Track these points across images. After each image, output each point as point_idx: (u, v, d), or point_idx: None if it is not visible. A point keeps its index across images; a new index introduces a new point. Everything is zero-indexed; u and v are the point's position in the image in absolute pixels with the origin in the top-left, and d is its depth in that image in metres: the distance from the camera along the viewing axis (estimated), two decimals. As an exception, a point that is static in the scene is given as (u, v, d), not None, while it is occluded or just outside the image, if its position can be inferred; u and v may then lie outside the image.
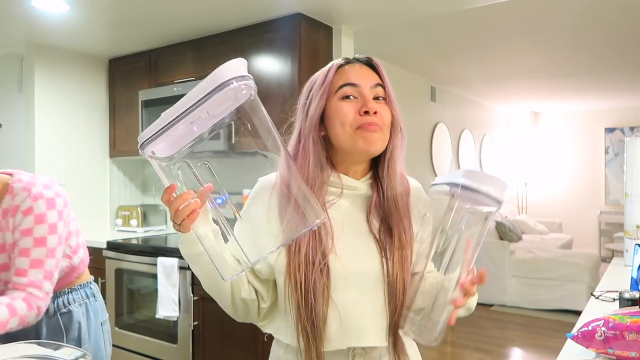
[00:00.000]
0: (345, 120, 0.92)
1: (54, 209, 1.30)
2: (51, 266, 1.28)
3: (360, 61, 0.99)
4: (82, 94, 3.41)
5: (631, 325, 0.95)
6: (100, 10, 2.60)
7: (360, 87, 0.94)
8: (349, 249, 0.93)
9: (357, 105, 0.93)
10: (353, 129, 0.92)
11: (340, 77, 0.95)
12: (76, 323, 1.43)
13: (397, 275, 0.92)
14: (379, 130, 0.92)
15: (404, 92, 1.04)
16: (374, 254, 0.94)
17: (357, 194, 0.98)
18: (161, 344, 2.70)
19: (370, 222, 0.96)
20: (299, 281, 0.89)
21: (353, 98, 0.94)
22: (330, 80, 0.95)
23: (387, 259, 0.92)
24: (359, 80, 0.94)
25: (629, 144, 2.08)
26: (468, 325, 4.12)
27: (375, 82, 0.95)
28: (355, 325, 0.91)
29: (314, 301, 0.89)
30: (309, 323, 0.89)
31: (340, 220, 0.94)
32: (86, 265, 1.51)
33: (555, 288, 4.59)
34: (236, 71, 0.72)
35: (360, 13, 2.68)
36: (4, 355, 0.96)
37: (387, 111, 0.95)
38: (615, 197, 7.03)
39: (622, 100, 6.56)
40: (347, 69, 0.96)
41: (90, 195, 3.46)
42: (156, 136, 0.75)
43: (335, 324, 0.91)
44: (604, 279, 1.84)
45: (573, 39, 3.66)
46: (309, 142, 0.94)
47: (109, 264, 2.94)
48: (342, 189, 0.96)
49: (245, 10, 2.59)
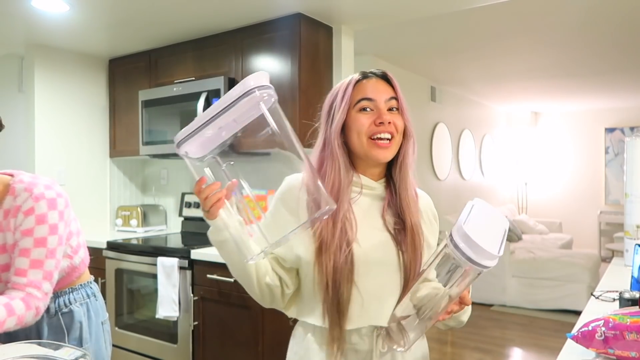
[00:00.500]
0: (362, 130, 1.06)
1: (55, 209, 1.30)
2: (51, 267, 1.28)
3: (376, 75, 1.11)
4: (82, 94, 3.41)
5: (631, 325, 0.95)
6: (100, 10, 2.60)
7: (375, 101, 1.07)
8: (370, 240, 1.06)
9: (373, 116, 1.06)
10: (367, 138, 1.06)
11: (359, 91, 1.09)
12: (77, 323, 1.43)
13: (411, 264, 1.05)
14: (388, 146, 1.06)
15: (404, 92, 1.05)
16: (390, 246, 1.06)
17: (374, 193, 1.11)
18: (161, 344, 2.70)
19: (385, 219, 1.09)
20: (327, 266, 1.01)
21: (370, 110, 1.07)
22: (350, 94, 1.08)
23: (402, 251, 1.06)
24: (375, 95, 1.07)
25: (629, 144, 2.08)
26: (468, 325, 4.11)
27: (389, 95, 1.08)
28: (374, 307, 1.04)
29: (340, 284, 1.01)
30: (335, 304, 1.02)
31: (361, 214, 1.07)
32: (87, 265, 1.51)
33: (555, 288, 4.59)
34: (259, 81, 0.83)
35: (360, 13, 2.68)
36: (4, 355, 0.96)
37: (400, 120, 1.08)
38: (615, 197, 7.03)
39: (622, 100, 6.56)
40: (364, 84, 1.10)
41: (90, 195, 3.46)
42: (189, 137, 0.87)
43: (357, 305, 1.03)
44: (604, 279, 1.84)
45: (573, 39, 3.66)
46: (335, 148, 1.07)
47: (109, 264, 2.94)
48: (361, 187, 1.10)
49: (245, 10, 2.59)
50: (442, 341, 3.83)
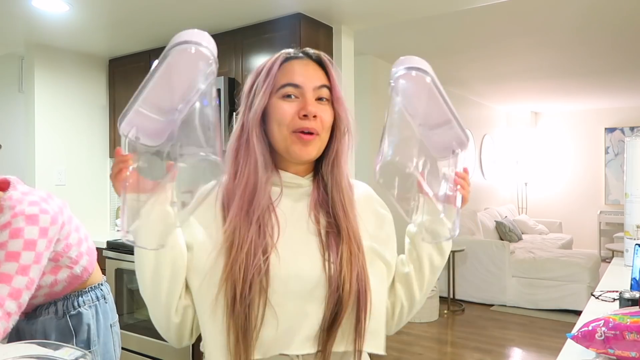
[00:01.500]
0: (283, 122, 0.88)
1: (35, 225, 1.23)
2: (20, 284, 1.18)
3: (308, 56, 0.94)
4: (82, 94, 3.41)
5: (631, 325, 0.95)
6: (100, 10, 2.60)
7: (302, 88, 0.89)
8: (291, 251, 0.87)
9: (298, 106, 0.88)
10: (289, 131, 0.88)
11: (285, 74, 0.90)
12: (85, 325, 1.42)
13: (344, 276, 0.85)
14: (313, 140, 0.88)
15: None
16: (316, 255, 0.87)
17: (300, 192, 0.93)
18: (161, 344, 2.70)
19: (313, 219, 0.91)
20: (236, 278, 0.81)
21: (294, 98, 0.89)
22: (274, 75, 0.90)
23: (329, 261, 0.86)
24: (303, 81, 0.89)
25: (629, 144, 2.08)
26: (468, 325, 4.12)
27: (320, 83, 0.91)
28: (289, 332, 0.83)
29: (249, 302, 0.81)
30: (241, 326, 0.81)
31: (283, 218, 0.89)
32: (93, 269, 1.48)
33: (555, 288, 4.58)
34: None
35: (360, 13, 2.68)
36: (4, 355, 0.96)
37: (327, 113, 0.90)
38: (615, 197, 7.03)
39: (622, 100, 6.56)
40: (293, 65, 0.92)
41: (90, 195, 3.46)
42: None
43: (271, 329, 0.83)
44: (604, 279, 1.84)
45: (573, 39, 3.67)
46: (252, 138, 0.89)
47: (109, 264, 2.94)
48: (282, 188, 0.92)
49: (245, 10, 2.59)
50: (442, 341, 3.83)
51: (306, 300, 0.85)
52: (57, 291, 1.40)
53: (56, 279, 1.36)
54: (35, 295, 1.32)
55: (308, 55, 0.94)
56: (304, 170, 0.94)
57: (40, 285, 1.32)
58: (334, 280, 0.85)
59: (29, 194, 1.29)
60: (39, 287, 1.31)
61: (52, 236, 1.28)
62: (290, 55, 0.93)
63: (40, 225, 1.24)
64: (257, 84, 0.91)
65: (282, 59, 0.92)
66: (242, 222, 0.85)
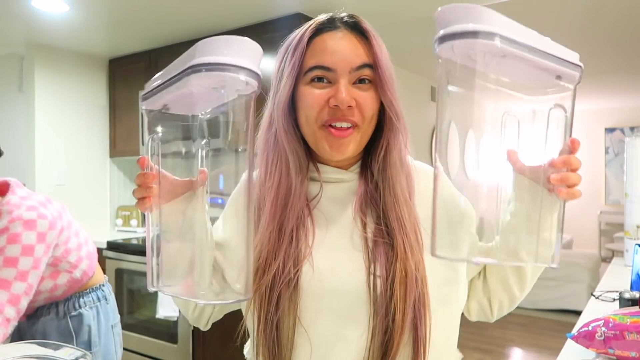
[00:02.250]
0: (310, 113, 0.71)
1: (32, 230, 1.22)
2: (19, 290, 1.18)
3: (347, 26, 0.74)
4: (82, 94, 3.41)
5: (631, 325, 0.95)
6: (100, 10, 2.60)
7: (335, 72, 0.70)
8: (329, 260, 0.71)
9: (329, 93, 0.70)
10: (318, 125, 0.71)
11: (313, 53, 0.71)
12: (86, 326, 1.41)
13: (395, 303, 0.67)
14: (349, 136, 0.71)
15: (404, 92, 1.03)
16: (359, 267, 0.70)
17: (344, 187, 0.77)
18: (161, 344, 2.70)
19: (362, 223, 0.73)
20: (262, 300, 0.69)
21: (326, 82, 0.71)
22: (301, 54, 0.71)
23: (375, 275, 0.69)
24: (335, 61, 0.70)
25: (629, 144, 2.08)
26: (468, 325, 4.11)
27: (359, 61, 0.70)
28: (323, 355, 0.70)
29: (277, 323, 0.68)
30: (270, 352, 0.69)
31: (323, 222, 0.74)
32: (94, 272, 1.47)
33: (555, 288, 4.58)
34: None
35: (360, 13, 2.66)
36: (4, 355, 0.96)
37: (370, 99, 0.71)
38: (615, 197, 7.03)
39: (622, 100, 6.56)
40: (324, 40, 0.72)
41: (90, 195, 3.46)
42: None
43: (304, 354, 0.69)
44: (604, 279, 1.85)
45: (573, 39, 3.66)
46: (280, 134, 0.73)
47: (109, 264, 2.94)
48: (321, 186, 0.76)
49: (245, 11, 2.59)
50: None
51: (344, 321, 0.69)
52: (57, 295, 1.39)
53: (56, 283, 1.36)
54: (35, 299, 1.32)
55: (345, 25, 0.74)
56: (347, 160, 0.76)
57: (40, 291, 1.32)
58: (380, 302, 0.68)
59: (28, 199, 1.28)
60: (38, 292, 1.30)
61: (50, 241, 1.27)
62: (323, 26, 0.74)
63: (38, 231, 1.23)
64: (284, 63, 0.74)
65: (312, 30, 0.73)
66: (274, 235, 0.72)
